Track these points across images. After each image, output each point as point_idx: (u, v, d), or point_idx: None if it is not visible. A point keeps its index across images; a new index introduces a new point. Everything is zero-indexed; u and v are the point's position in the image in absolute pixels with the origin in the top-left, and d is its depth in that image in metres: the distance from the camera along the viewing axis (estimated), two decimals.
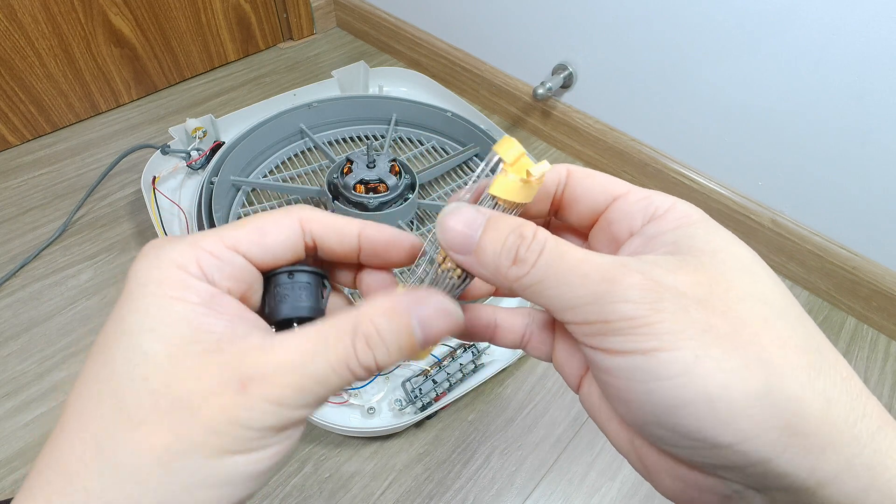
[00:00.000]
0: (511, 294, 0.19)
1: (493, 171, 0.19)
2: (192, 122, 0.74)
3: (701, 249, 0.16)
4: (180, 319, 0.15)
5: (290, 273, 0.19)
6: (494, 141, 0.77)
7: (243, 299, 0.18)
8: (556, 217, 0.22)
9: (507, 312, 0.22)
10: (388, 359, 0.16)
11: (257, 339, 0.16)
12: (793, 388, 0.14)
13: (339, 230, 0.19)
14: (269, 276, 0.19)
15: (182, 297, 0.16)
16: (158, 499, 0.14)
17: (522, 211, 0.19)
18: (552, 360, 0.22)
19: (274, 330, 0.18)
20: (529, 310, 0.22)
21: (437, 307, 0.17)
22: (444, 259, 0.19)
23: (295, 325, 0.19)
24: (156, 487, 0.14)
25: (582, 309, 0.16)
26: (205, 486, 0.15)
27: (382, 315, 0.16)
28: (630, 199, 0.19)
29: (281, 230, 0.18)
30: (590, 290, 0.15)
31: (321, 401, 0.16)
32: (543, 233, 0.17)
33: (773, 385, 0.14)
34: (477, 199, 0.19)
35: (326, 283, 0.21)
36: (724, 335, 0.14)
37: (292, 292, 0.19)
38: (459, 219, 0.17)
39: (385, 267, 0.21)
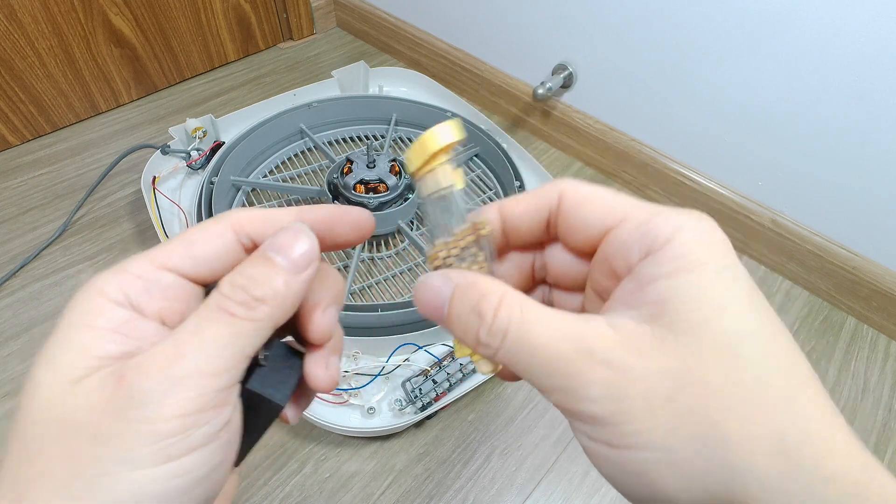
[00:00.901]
0: None
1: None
2: (192, 122, 0.74)
3: (686, 321, 0.15)
4: (77, 346, 0.15)
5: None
6: (494, 141, 0.78)
7: (183, 319, 0.17)
8: (558, 239, 0.20)
9: None
10: (258, 286, 0.16)
11: None
12: (755, 495, 0.14)
13: (274, 223, 0.18)
14: (210, 288, 0.18)
15: (91, 324, 0.15)
16: None
17: (514, 238, 0.19)
18: None
19: None
20: None
21: (284, 231, 0.17)
22: (463, 239, 0.18)
23: None
24: None
25: (550, 394, 0.16)
26: None
27: (242, 263, 0.17)
28: (626, 229, 0.17)
29: (210, 238, 0.17)
30: (554, 381, 0.15)
31: (219, 362, 0.15)
32: (507, 308, 0.16)
33: (734, 491, 0.14)
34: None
35: None
36: (689, 437, 0.14)
37: None
38: (428, 290, 0.17)
39: (337, 247, 0.20)
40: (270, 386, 0.17)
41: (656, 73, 0.74)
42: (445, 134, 0.18)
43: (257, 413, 0.17)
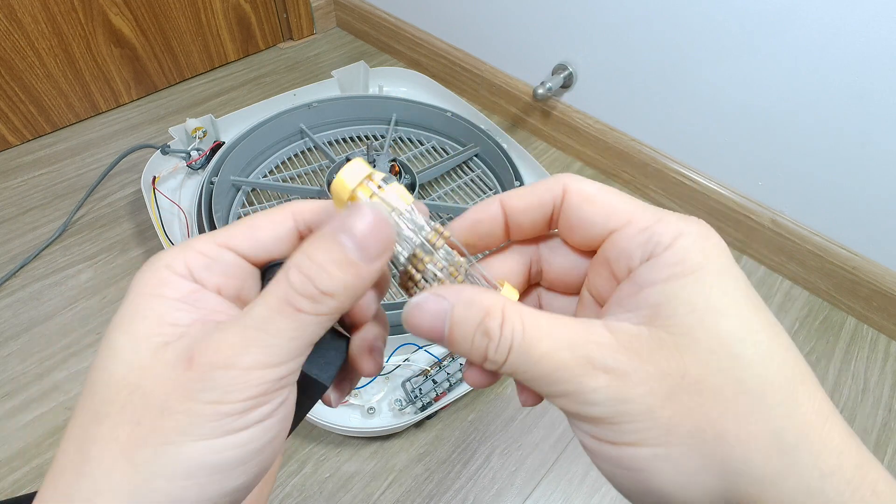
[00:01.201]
0: None
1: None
2: (192, 122, 0.74)
3: (681, 324, 0.15)
4: (151, 314, 0.16)
5: (282, 265, 0.18)
6: (494, 141, 0.78)
7: (239, 296, 0.18)
8: (559, 233, 0.20)
9: None
10: (328, 279, 0.15)
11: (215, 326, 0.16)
12: (752, 492, 0.14)
13: (330, 209, 0.19)
14: (265, 269, 0.19)
15: (160, 294, 0.16)
16: (126, 491, 0.14)
17: (516, 232, 0.19)
18: None
19: None
20: None
21: (359, 212, 0.16)
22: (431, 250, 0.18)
23: None
24: (122, 480, 0.14)
25: (555, 399, 0.16)
26: (166, 476, 0.14)
27: (309, 242, 0.16)
28: (628, 234, 0.17)
29: (272, 224, 0.18)
30: (559, 388, 0.16)
31: (282, 354, 0.15)
32: (510, 323, 0.16)
33: (730, 489, 0.14)
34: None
35: None
36: (686, 435, 0.14)
37: None
38: (423, 313, 0.17)
39: None
40: (317, 366, 0.18)
41: (656, 73, 0.74)
42: (350, 174, 0.17)
43: (304, 391, 0.17)
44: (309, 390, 0.18)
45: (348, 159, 0.70)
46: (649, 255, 0.16)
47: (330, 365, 0.18)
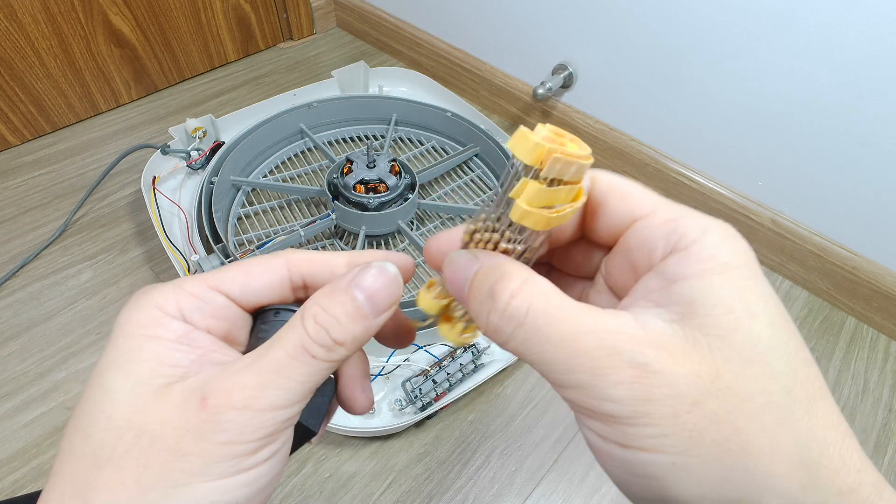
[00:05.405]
0: None
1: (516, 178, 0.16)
2: (192, 122, 0.74)
3: (717, 324, 0.14)
4: (149, 356, 0.16)
5: (277, 311, 0.19)
6: (494, 141, 0.78)
7: (227, 338, 0.18)
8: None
9: None
10: (342, 330, 0.16)
11: (222, 367, 0.16)
12: None
13: (326, 263, 0.19)
14: (257, 314, 0.19)
15: (155, 335, 0.16)
16: None
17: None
18: None
19: None
20: None
21: (373, 271, 0.17)
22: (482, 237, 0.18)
23: None
24: None
25: (566, 390, 0.15)
26: None
27: (324, 294, 0.17)
28: (652, 223, 0.16)
29: (265, 270, 0.19)
30: (574, 377, 0.14)
31: (294, 397, 0.16)
32: (528, 295, 0.15)
33: (749, 502, 0.14)
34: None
35: None
36: (710, 443, 0.14)
37: (275, 330, 0.19)
38: (456, 266, 0.17)
39: None
40: (306, 411, 0.18)
41: (656, 74, 0.74)
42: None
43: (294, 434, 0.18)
44: (298, 434, 0.18)
45: (349, 160, 0.70)
46: (673, 247, 0.16)
47: (318, 410, 0.19)
